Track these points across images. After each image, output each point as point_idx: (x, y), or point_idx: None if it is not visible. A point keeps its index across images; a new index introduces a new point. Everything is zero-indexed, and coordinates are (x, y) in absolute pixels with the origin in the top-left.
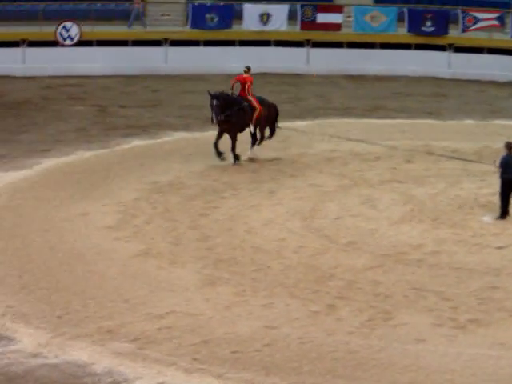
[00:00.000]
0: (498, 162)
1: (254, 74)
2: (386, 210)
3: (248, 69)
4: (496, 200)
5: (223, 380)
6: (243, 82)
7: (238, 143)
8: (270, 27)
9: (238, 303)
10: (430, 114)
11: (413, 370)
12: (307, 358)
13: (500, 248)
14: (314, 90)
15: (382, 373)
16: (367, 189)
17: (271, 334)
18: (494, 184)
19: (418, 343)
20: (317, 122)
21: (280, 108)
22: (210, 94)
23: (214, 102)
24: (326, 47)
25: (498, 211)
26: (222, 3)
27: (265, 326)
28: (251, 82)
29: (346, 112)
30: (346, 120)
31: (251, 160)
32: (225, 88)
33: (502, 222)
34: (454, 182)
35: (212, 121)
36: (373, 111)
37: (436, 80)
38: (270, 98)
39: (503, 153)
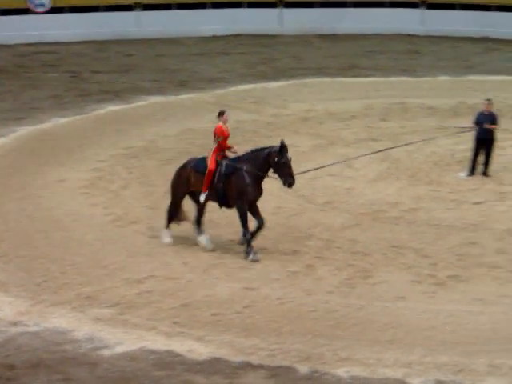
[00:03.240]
0: (473, 119)
1: (227, 36)
2: (362, 168)
3: (220, 114)
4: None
5: (204, 343)
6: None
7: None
8: None
9: (216, 266)
10: (405, 72)
11: (393, 327)
12: (287, 319)
13: (477, 203)
14: (288, 51)
15: (361, 331)
16: (343, 148)
17: (250, 295)
18: (470, 140)
19: (398, 301)
20: (291, 82)
21: (254, 69)
22: None
23: None
24: (299, 7)
25: (468, 165)
26: None
27: (244, 288)
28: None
29: (320, 71)
30: (320, 79)
31: None
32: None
33: (478, 178)
34: (430, 139)
35: None
36: (347, 70)
37: (409, 37)
38: (244, 60)
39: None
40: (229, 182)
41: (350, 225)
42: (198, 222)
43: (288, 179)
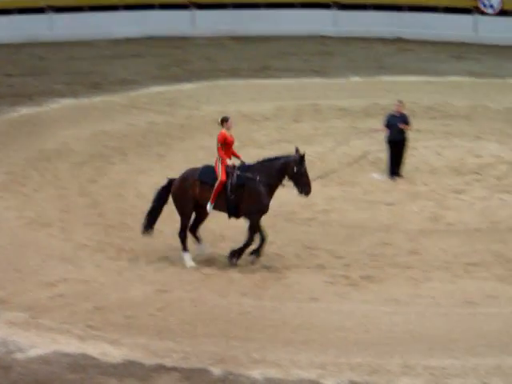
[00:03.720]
0: (383, 122)
1: (139, 38)
2: None
3: (223, 120)
4: (385, 157)
5: (117, 346)
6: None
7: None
8: None
9: (129, 268)
10: (317, 73)
11: (306, 328)
12: (201, 321)
13: (390, 204)
14: (200, 52)
15: (275, 333)
16: (256, 149)
17: (164, 297)
18: (383, 141)
19: (311, 302)
20: (204, 84)
21: (166, 71)
22: None
23: None
24: (212, 8)
25: (386, 168)
26: None
27: (157, 290)
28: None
29: (232, 73)
30: (232, 81)
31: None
32: None
33: (391, 179)
34: (342, 140)
35: None
36: (260, 72)
37: (322, 38)
38: (156, 62)
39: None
40: (242, 192)
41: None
42: (195, 229)
43: (305, 188)
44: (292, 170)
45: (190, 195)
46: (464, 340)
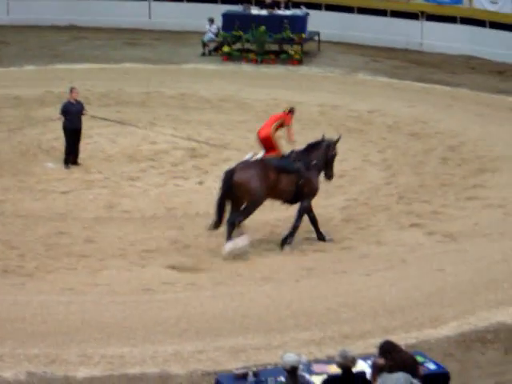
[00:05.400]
0: (60, 110)
1: None
2: None
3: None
4: (59, 146)
5: None
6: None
7: None
8: None
9: None
10: None
11: None
12: None
13: (65, 193)
14: None
15: None
16: None
17: None
18: (57, 129)
19: None
20: None
21: None
22: None
23: None
24: None
25: (62, 157)
26: None
27: None
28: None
29: None
30: None
31: None
32: None
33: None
34: (16, 129)
35: None
36: None
37: None
38: None
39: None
40: (306, 179)
41: None
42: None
43: (331, 172)
44: (332, 152)
45: (266, 184)
46: (142, 327)
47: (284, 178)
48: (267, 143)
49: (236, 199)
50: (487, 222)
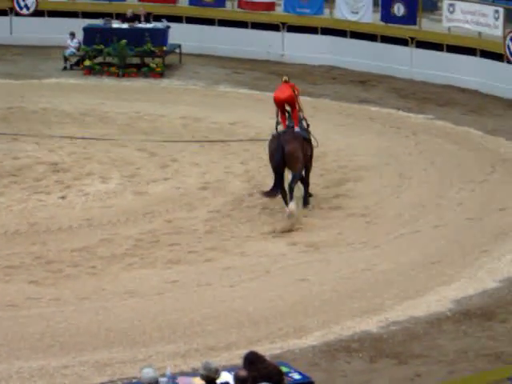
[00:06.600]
0: None
1: None
2: None
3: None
4: None
5: None
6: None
7: None
8: None
9: None
10: None
11: None
12: None
13: None
14: None
15: None
16: None
17: None
18: None
19: None
20: None
21: None
22: None
23: None
24: None
25: None
26: None
27: None
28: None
29: None
30: None
31: None
32: None
33: None
34: None
35: None
36: None
37: None
38: None
39: None
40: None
41: None
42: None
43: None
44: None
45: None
46: (7, 344)
47: (307, 147)
48: (291, 101)
49: (283, 167)
50: (350, 231)
